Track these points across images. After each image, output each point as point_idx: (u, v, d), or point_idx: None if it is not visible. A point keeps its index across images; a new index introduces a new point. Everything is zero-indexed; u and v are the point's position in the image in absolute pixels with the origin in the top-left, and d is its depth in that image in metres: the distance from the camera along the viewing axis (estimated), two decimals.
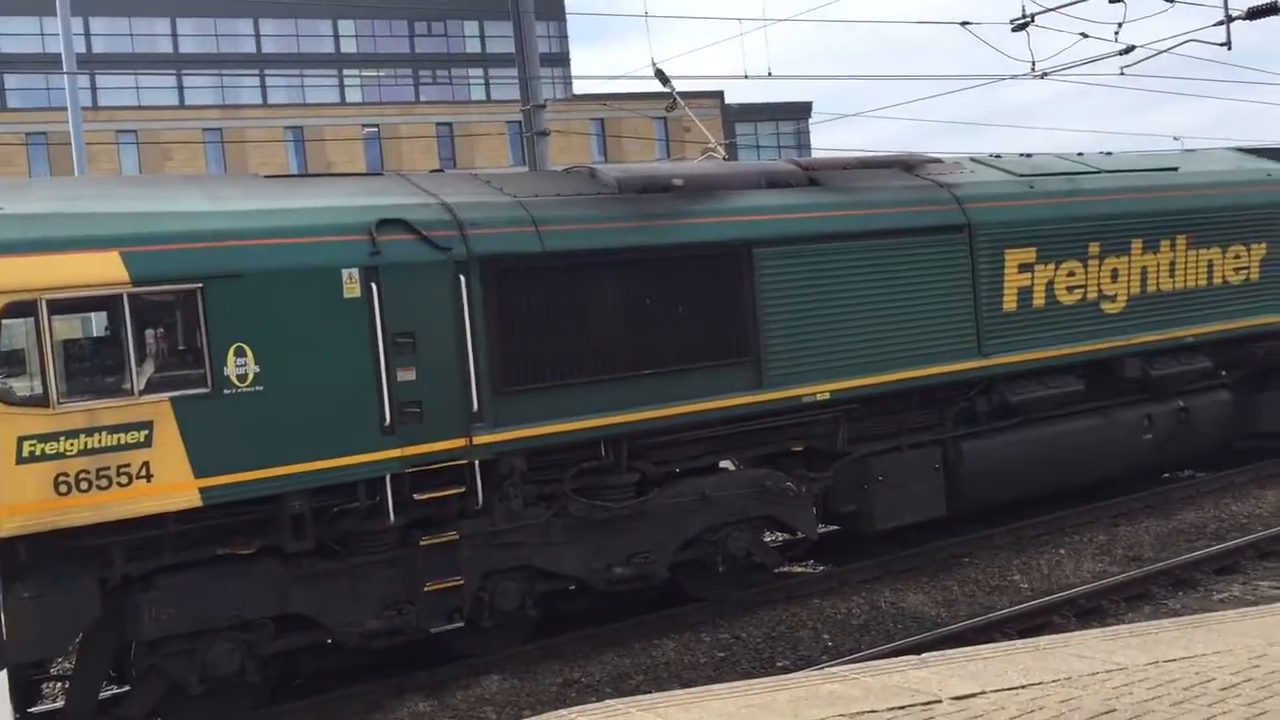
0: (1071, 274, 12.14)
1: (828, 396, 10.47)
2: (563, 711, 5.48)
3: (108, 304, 7.83)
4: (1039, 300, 11.87)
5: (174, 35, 54.08)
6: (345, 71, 56.45)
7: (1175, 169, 13.76)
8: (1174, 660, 5.75)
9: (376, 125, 49.24)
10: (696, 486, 10.09)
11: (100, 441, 7.56)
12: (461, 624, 8.95)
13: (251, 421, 8.01)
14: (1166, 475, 14.38)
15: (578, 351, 9.31)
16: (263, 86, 54.89)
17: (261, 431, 8.04)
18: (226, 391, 7.95)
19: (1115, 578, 10.26)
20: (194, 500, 7.88)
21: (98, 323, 8.49)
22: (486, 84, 58.42)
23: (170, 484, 7.77)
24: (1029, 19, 15.79)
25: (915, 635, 9.11)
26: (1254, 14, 15.11)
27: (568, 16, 56.74)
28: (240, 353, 8.00)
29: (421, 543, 8.76)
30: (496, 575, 9.18)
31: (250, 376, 8.02)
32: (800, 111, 55.44)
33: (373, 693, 8.80)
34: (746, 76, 16.57)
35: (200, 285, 7.94)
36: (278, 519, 8.31)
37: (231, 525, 8.28)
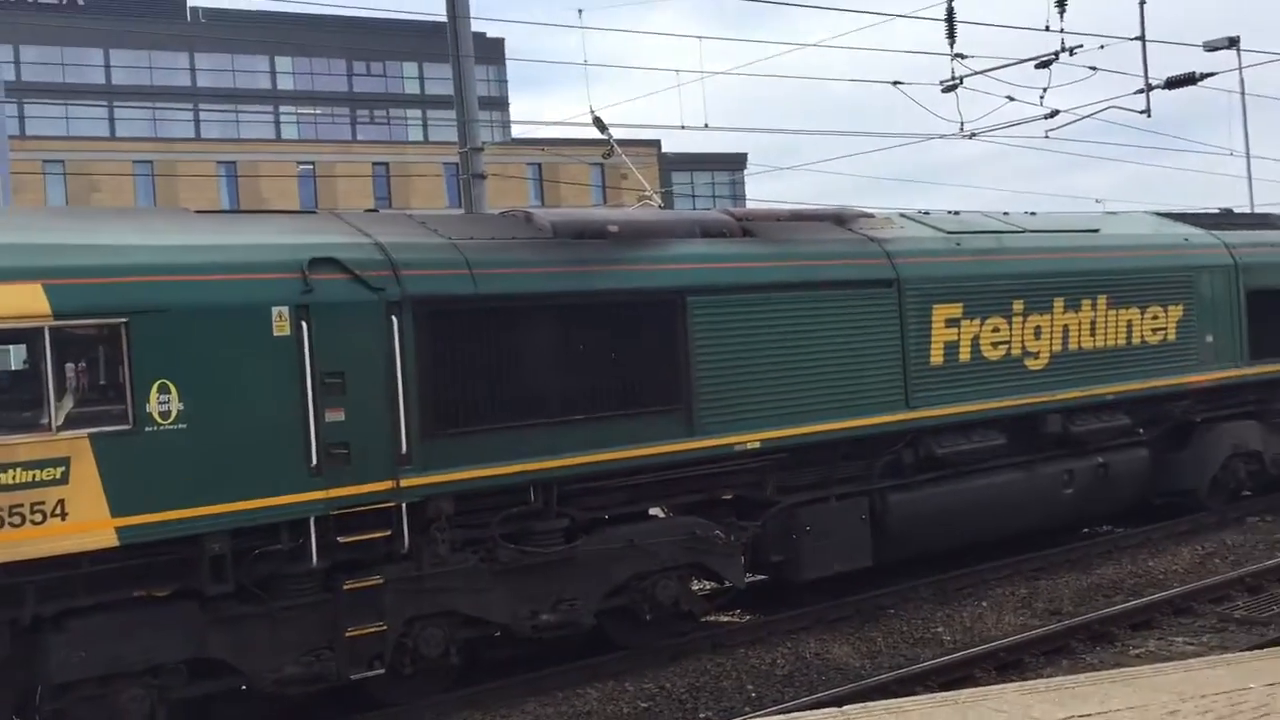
0: (996, 330, 12.39)
1: (758, 445, 10.53)
2: None
3: (28, 337, 7.66)
4: (965, 355, 12.09)
5: (107, 66, 53.42)
6: (281, 108, 56.12)
7: (1097, 230, 14.14)
8: (1089, 715, 5.83)
9: (312, 163, 48.91)
10: (625, 533, 10.06)
11: (14, 478, 7.36)
12: (383, 671, 8.80)
13: (173, 460, 7.85)
14: (1086, 530, 14.64)
15: (509, 395, 9.28)
16: (196, 121, 54.35)
17: (183, 470, 7.89)
18: (148, 429, 7.79)
19: (1035, 631, 10.39)
20: (110, 540, 7.68)
21: (16, 355, 8.30)
22: (424, 125, 58.37)
23: (86, 523, 7.57)
24: (958, 81, 16.20)
25: (839, 687, 9.13)
26: (1172, 84, 15.66)
27: (507, 62, 57.08)
28: (164, 389, 7.85)
29: (345, 587, 8.62)
30: (420, 621, 9.05)
31: (173, 414, 7.88)
32: (735, 162, 56.12)
33: None
34: (684, 127, 16.86)
35: (125, 320, 7.80)
36: (197, 560, 8.12)
37: (149, 566, 8.08)
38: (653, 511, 10.77)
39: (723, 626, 11.23)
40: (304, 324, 8.35)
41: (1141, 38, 14.54)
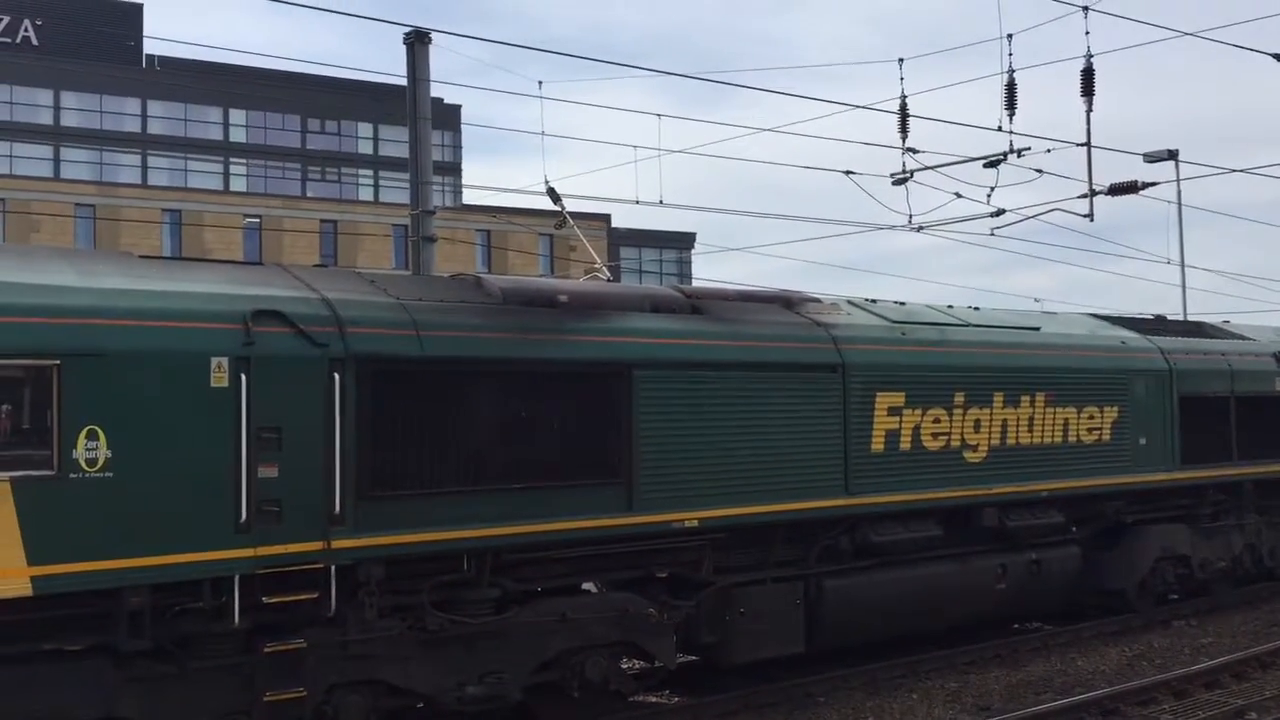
0: (937, 421, 12.48)
1: (696, 524, 10.45)
2: None
3: None
4: (905, 444, 12.15)
5: (56, 108, 52.87)
6: (232, 160, 55.82)
7: (1038, 329, 14.38)
8: None
9: (259, 216, 48.59)
10: (557, 607, 9.89)
11: None
12: None
13: (97, 509, 7.59)
14: (1017, 626, 14.67)
15: (448, 460, 9.13)
16: (144, 167, 53.83)
17: (106, 520, 7.61)
18: (73, 475, 7.53)
19: None
20: (24, 589, 7.37)
21: None
22: (376, 185, 58.38)
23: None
24: (908, 175, 16.51)
25: None
26: (1114, 191, 16.08)
27: (463, 128, 57.42)
28: (92, 435, 7.61)
29: (265, 649, 8.34)
30: (342, 688, 8.78)
31: (101, 461, 7.63)
32: (684, 241, 56.66)
33: None
34: (638, 202, 17.00)
35: (57, 362, 7.58)
36: (115, 615, 7.82)
37: (64, 618, 7.76)
38: (586, 586, 10.61)
39: (650, 707, 11.02)
40: (243, 376, 8.17)
41: (1087, 144, 14.96)
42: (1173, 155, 24.95)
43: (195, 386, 8.01)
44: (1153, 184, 16.66)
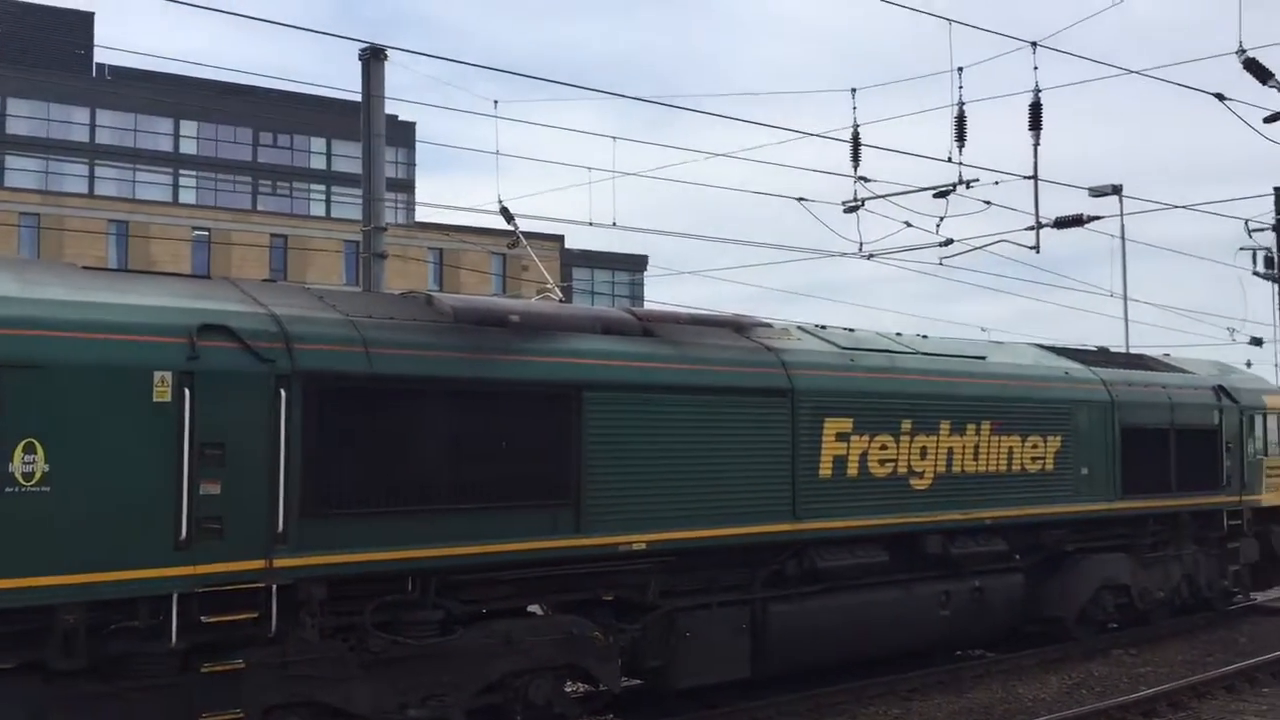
0: (884, 448, 12.56)
1: (644, 547, 10.43)
2: None
3: None
4: (853, 470, 12.21)
5: (3, 115, 52.06)
6: (181, 172, 55.21)
7: (984, 358, 14.54)
8: None
9: (208, 229, 48.06)
10: (502, 629, 9.82)
11: None
12: None
13: (32, 524, 7.41)
14: (960, 652, 14.77)
15: (395, 479, 9.04)
16: (91, 177, 53.09)
17: (41, 535, 7.44)
18: (8, 489, 7.36)
19: None
20: None
21: None
22: (328, 200, 57.97)
23: None
24: (860, 203, 16.66)
25: None
26: (1061, 224, 16.33)
27: (417, 144, 57.24)
28: (30, 449, 7.45)
29: (203, 669, 8.19)
30: (281, 710, 8.64)
31: (37, 475, 7.46)
32: (637, 264, 56.79)
33: None
34: (591, 224, 16.99)
35: None
36: (47, 632, 7.65)
37: None
38: (531, 608, 10.54)
39: None
40: (187, 391, 8.04)
41: (1034, 177, 15.18)
42: (1117, 190, 25.40)
43: (137, 401, 7.87)
44: (1097, 218, 16.96)
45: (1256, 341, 30.78)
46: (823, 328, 13.53)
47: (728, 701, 11.71)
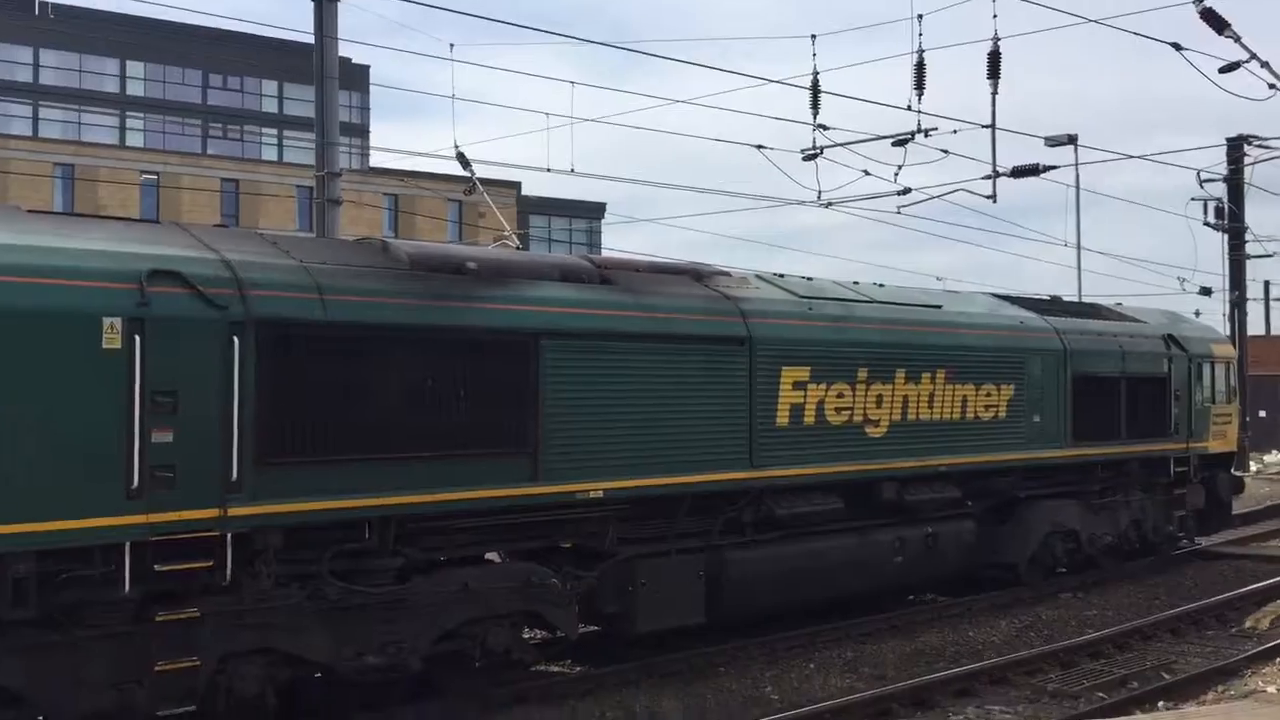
0: (840, 396, 12.64)
1: (601, 495, 10.45)
2: None
3: None
4: (809, 418, 12.28)
5: None
6: (129, 114, 54.06)
7: (940, 307, 14.63)
8: None
9: (157, 173, 47.16)
10: (460, 577, 9.82)
11: None
12: (194, 709, 8.32)
13: None
14: (912, 597, 14.99)
15: (350, 428, 8.96)
16: (35, 118, 51.87)
17: None
18: None
19: (860, 694, 10.52)
20: None
21: None
22: (280, 145, 57.04)
23: None
24: (819, 151, 16.63)
25: None
26: (1017, 173, 16.43)
27: (371, 88, 56.36)
28: None
29: (157, 618, 8.13)
30: (237, 658, 8.61)
31: None
32: (594, 211, 56.51)
33: None
34: (549, 170, 16.81)
35: None
36: None
37: None
38: (489, 556, 10.55)
39: (551, 677, 11.04)
40: (137, 338, 7.90)
41: (992, 126, 15.22)
42: (1072, 140, 25.53)
43: (86, 348, 7.73)
44: (1053, 167, 17.07)
45: (1205, 291, 31.24)
46: (781, 276, 13.53)
47: (684, 647, 11.82)
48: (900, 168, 16.29)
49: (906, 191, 16.66)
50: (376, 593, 9.24)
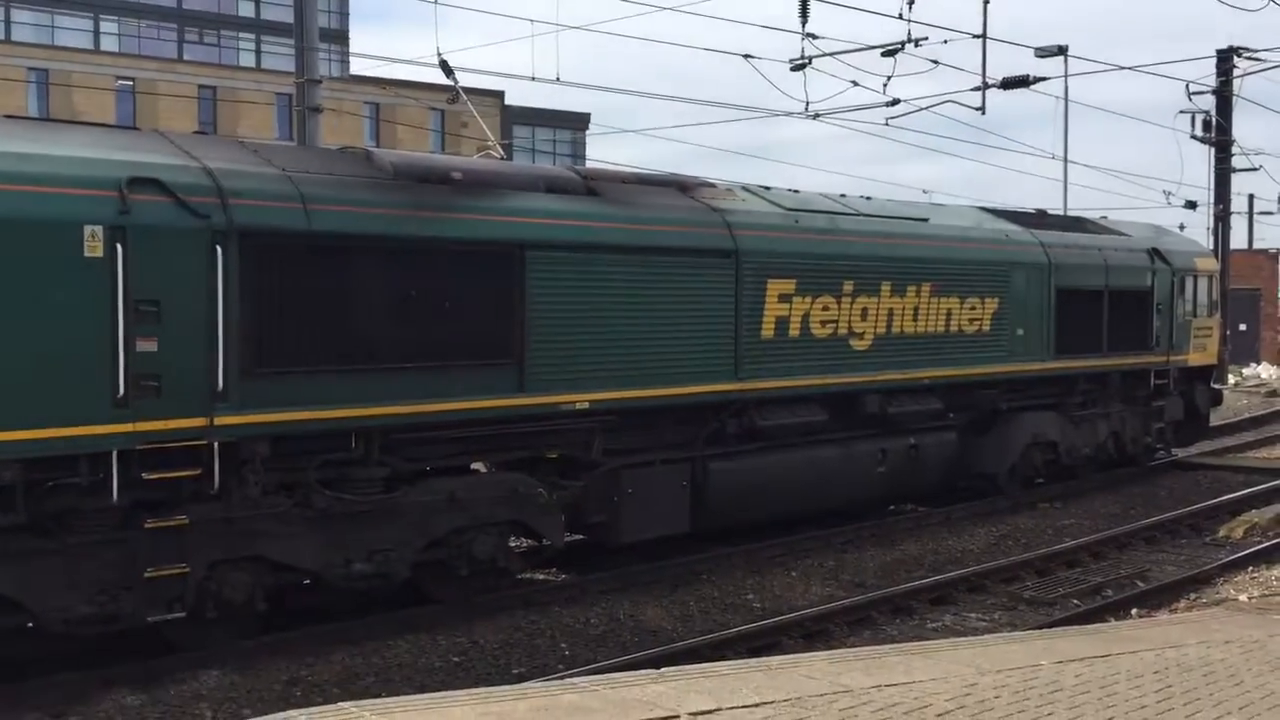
0: (826, 309, 12.66)
1: (587, 406, 10.50)
2: (290, 713, 5.21)
3: None
4: (794, 331, 12.31)
5: None
6: (102, 18, 52.87)
7: (926, 220, 14.59)
8: (895, 685, 6.02)
9: (132, 79, 46.30)
10: (447, 486, 9.90)
11: None
12: (183, 615, 8.43)
13: None
14: (892, 507, 15.20)
15: (335, 338, 8.96)
16: (7, 21, 50.72)
17: None
18: None
19: (841, 602, 10.72)
20: None
21: None
22: (258, 51, 56.01)
23: None
24: (807, 60, 16.43)
25: (651, 649, 9.22)
26: (1007, 84, 16.28)
27: None
28: None
29: (146, 525, 8.20)
30: (226, 565, 8.70)
31: None
32: (579, 122, 55.83)
33: (75, 682, 8.14)
34: (534, 79, 16.57)
35: None
36: None
37: None
38: (475, 466, 10.63)
39: (537, 585, 11.20)
40: (119, 246, 7.83)
41: (983, 35, 15.04)
42: (1062, 50, 25.23)
43: (67, 256, 7.66)
44: (1043, 79, 16.91)
45: (1191, 205, 31.23)
46: (767, 189, 13.45)
47: (669, 555, 11.99)
48: (889, 79, 16.12)
49: (895, 103, 16.51)
50: (364, 501, 9.31)
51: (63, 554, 7.98)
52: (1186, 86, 28.20)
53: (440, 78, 16.22)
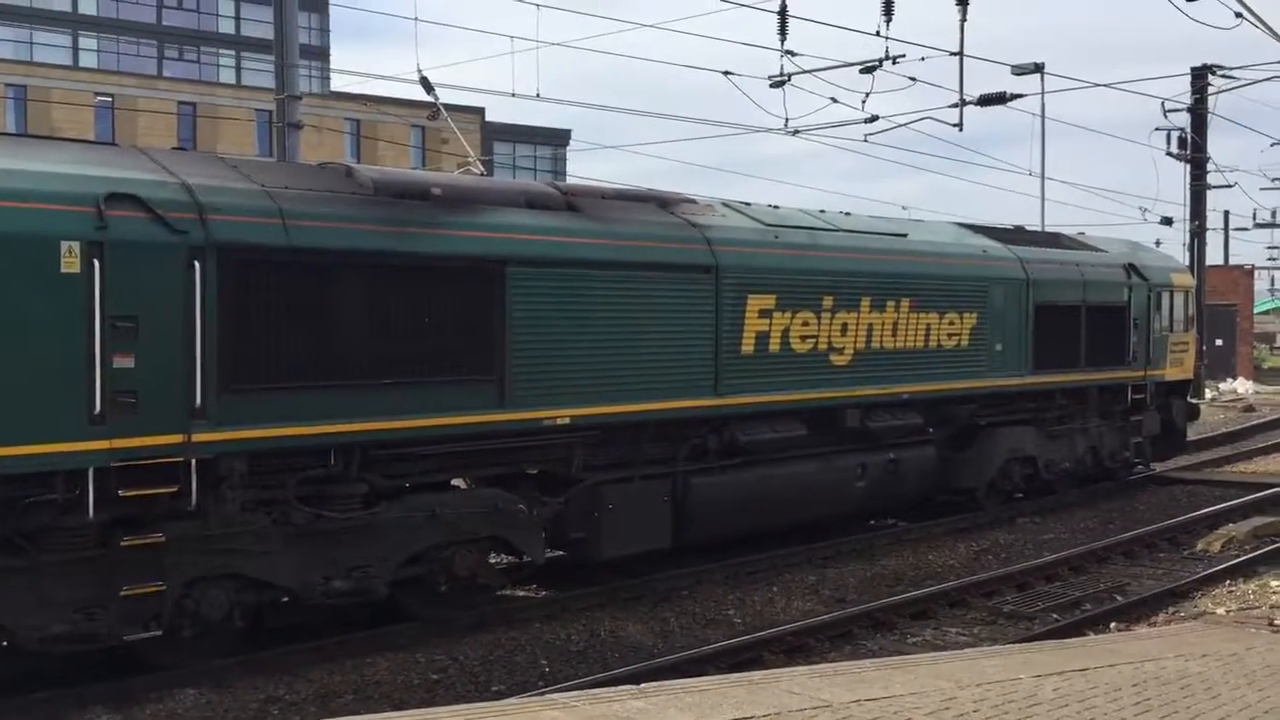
0: (806, 324, 12.69)
1: (568, 421, 10.49)
2: None
3: None
4: (774, 346, 12.34)
5: None
6: (81, 34, 52.71)
7: (905, 235, 14.67)
8: (875, 699, 6.03)
9: (111, 95, 46.14)
10: (426, 503, 9.86)
11: None
12: (160, 633, 8.36)
13: None
14: (873, 522, 15.22)
15: (315, 354, 8.93)
16: None
17: None
18: None
19: (821, 617, 10.71)
20: None
21: None
22: (238, 67, 55.94)
23: None
24: (786, 78, 16.51)
25: (632, 665, 9.19)
26: (984, 101, 16.40)
27: (331, 9, 55.24)
28: None
29: (122, 542, 8.13)
30: (203, 582, 8.64)
31: None
32: (559, 138, 55.94)
33: (50, 701, 8.06)
34: (514, 95, 16.59)
35: None
36: None
37: None
38: (455, 482, 10.59)
39: (517, 601, 11.16)
40: (96, 262, 7.80)
41: (960, 53, 15.16)
42: (1039, 68, 25.45)
43: (44, 272, 7.62)
44: (1020, 96, 17.05)
45: (1167, 221, 31.50)
46: (747, 204, 13.50)
47: (649, 571, 11.97)
48: (868, 95, 16.22)
49: (874, 119, 16.60)
50: (343, 518, 9.27)
51: (36, 572, 7.91)
52: (1162, 104, 28.51)
53: (421, 94, 16.27)
